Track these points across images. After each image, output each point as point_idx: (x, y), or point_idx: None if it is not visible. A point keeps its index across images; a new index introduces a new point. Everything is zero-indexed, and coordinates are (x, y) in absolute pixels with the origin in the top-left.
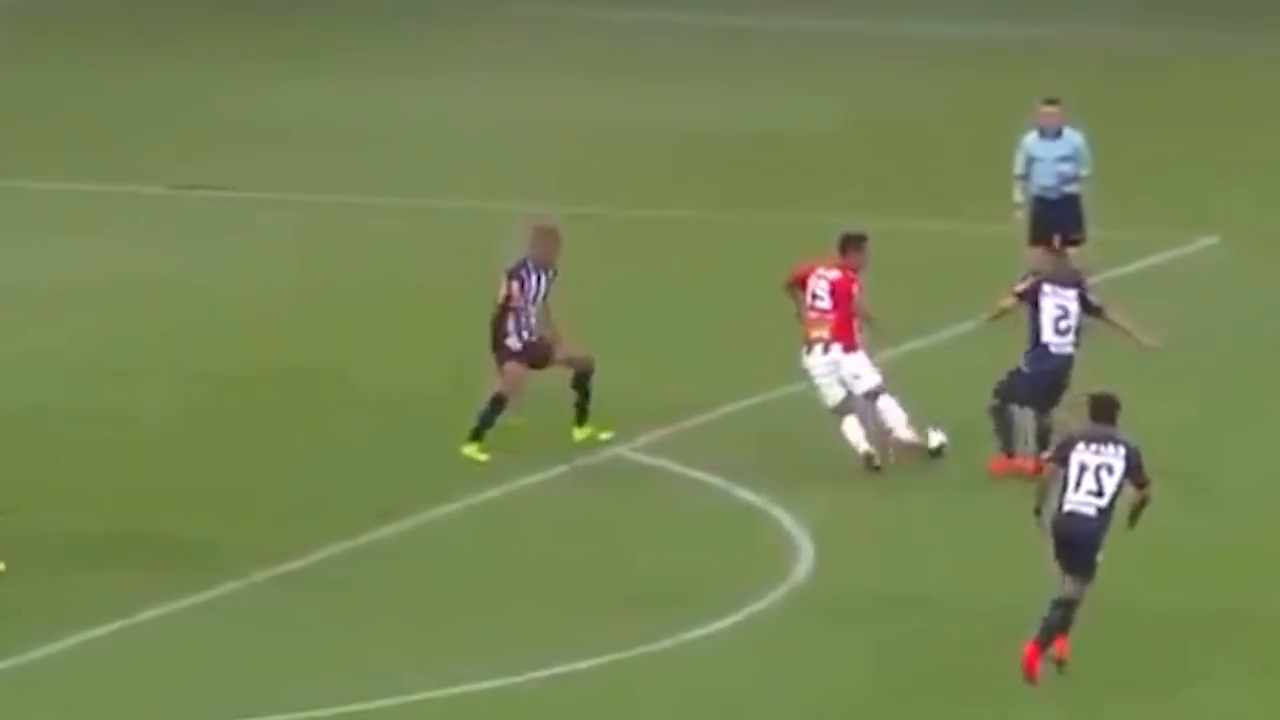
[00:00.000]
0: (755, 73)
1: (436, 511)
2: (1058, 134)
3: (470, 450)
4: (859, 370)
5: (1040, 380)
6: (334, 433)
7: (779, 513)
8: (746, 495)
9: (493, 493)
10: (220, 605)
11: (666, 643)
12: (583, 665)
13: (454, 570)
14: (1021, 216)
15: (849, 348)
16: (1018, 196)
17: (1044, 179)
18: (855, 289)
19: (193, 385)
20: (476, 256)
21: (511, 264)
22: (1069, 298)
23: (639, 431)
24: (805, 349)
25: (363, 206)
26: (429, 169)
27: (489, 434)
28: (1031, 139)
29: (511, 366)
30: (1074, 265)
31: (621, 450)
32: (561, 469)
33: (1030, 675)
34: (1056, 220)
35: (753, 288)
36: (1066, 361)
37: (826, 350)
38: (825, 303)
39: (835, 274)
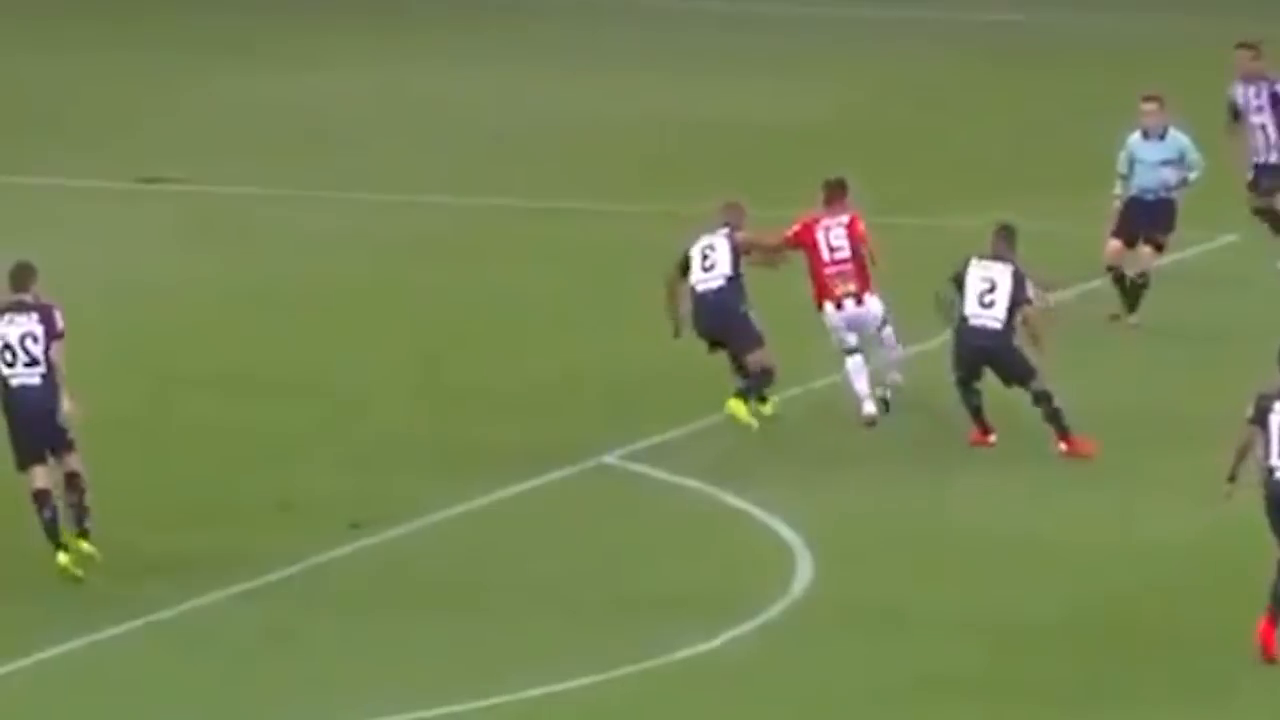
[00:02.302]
0: (747, 62)
1: (415, 523)
2: (1162, 135)
3: (741, 411)
4: (877, 310)
5: (961, 354)
6: (298, 438)
7: (775, 520)
8: (741, 503)
9: (473, 503)
10: (193, 619)
11: (658, 661)
12: (568, 685)
13: (436, 585)
14: (1115, 209)
15: (871, 290)
16: (1117, 189)
17: (1144, 180)
18: (866, 231)
19: (151, 388)
20: (440, 253)
21: (718, 231)
22: (998, 271)
23: (626, 438)
24: (834, 305)
25: (324, 200)
26: (389, 161)
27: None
28: (1135, 139)
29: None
30: (1007, 250)
31: (608, 458)
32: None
33: (1267, 653)
34: (1148, 221)
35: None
36: (990, 337)
37: (860, 303)
38: (846, 253)
39: (845, 219)
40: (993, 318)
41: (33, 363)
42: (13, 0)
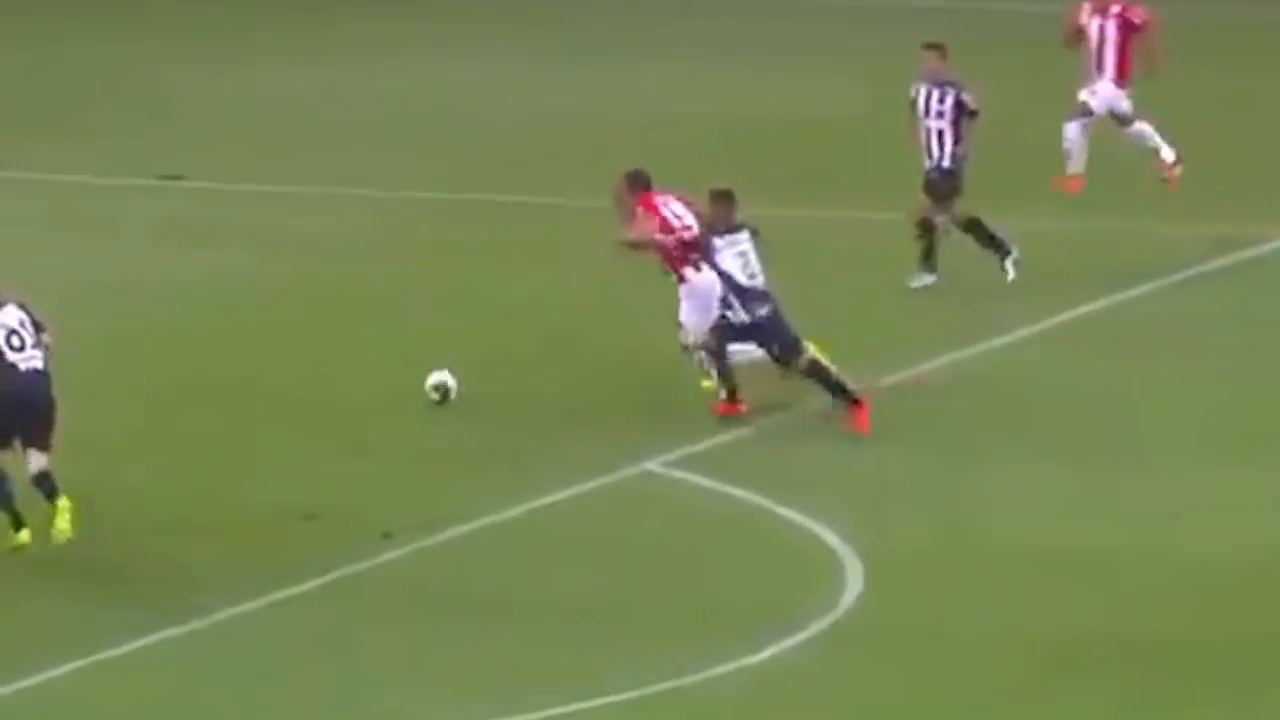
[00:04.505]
0: (770, 53)
1: (451, 532)
2: None
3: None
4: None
5: (766, 328)
6: (324, 444)
7: (821, 528)
8: (787, 510)
9: (509, 513)
10: (220, 633)
11: (698, 676)
12: (606, 700)
13: (472, 595)
14: None
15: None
16: None
17: None
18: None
19: (174, 392)
20: (470, 253)
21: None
22: (741, 240)
23: (671, 444)
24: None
25: (344, 199)
26: (410, 159)
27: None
28: None
29: None
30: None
31: (651, 465)
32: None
33: None
34: None
35: (791, 286)
36: (769, 303)
37: None
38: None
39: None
40: (763, 285)
41: (36, 344)
42: None
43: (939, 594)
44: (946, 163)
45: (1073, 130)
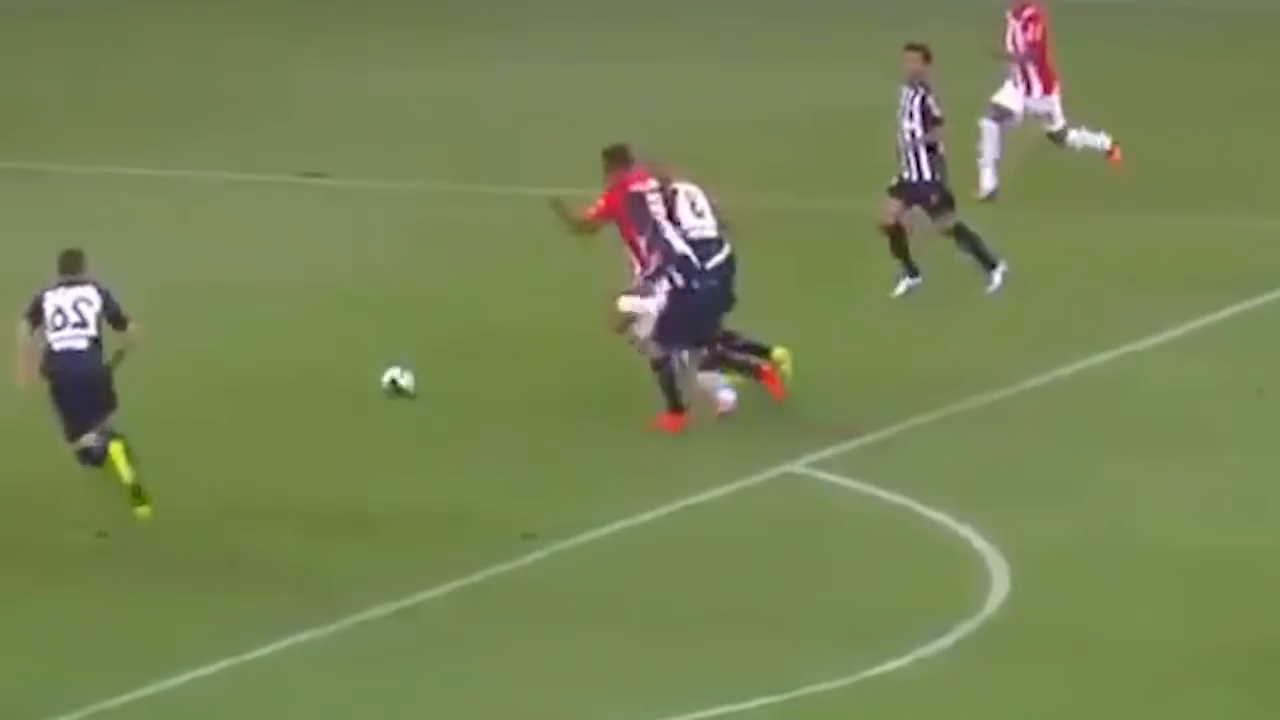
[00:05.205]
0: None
1: (592, 534)
2: None
3: None
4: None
5: (712, 296)
6: (471, 444)
7: (972, 536)
8: (932, 513)
9: (651, 514)
10: (364, 633)
11: (844, 680)
12: (750, 705)
13: (613, 598)
14: None
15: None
16: None
17: None
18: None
19: (313, 389)
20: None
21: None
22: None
23: (813, 445)
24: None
25: (454, 194)
26: (505, 153)
27: None
28: None
29: None
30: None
31: (795, 467)
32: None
33: None
34: None
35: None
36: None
37: None
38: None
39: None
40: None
41: (81, 324)
42: None
43: (1086, 596)
44: (928, 175)
45: (1090, 138)
